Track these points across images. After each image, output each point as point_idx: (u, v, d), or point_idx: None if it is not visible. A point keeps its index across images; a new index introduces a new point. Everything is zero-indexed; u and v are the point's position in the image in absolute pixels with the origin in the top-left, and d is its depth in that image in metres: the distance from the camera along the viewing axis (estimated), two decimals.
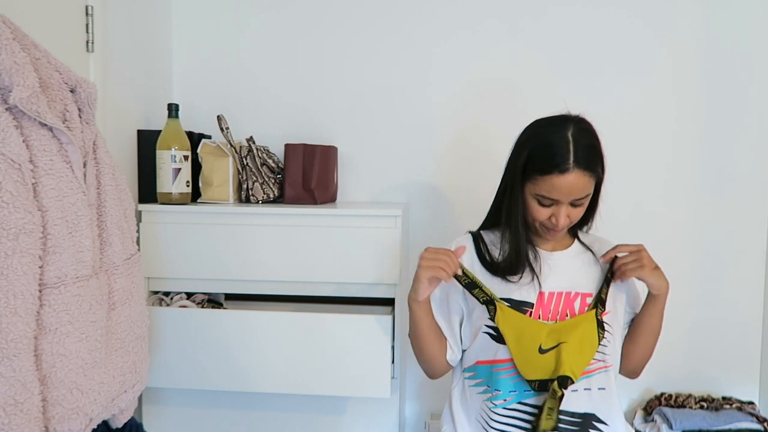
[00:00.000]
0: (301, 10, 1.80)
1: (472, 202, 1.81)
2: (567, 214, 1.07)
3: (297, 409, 1.53)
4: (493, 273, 1.15)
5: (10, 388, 0.75)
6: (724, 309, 1.80)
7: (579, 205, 1.09)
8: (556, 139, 1.06)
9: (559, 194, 1.05)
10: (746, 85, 1.74)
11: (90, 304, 0.86)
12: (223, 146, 1.57)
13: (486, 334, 1.14)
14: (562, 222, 1.08)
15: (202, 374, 1.42)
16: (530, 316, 1.11)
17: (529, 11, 1.75)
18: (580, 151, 1.05)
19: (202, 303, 1.55)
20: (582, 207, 1.10)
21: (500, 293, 1.13)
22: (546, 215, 1.09)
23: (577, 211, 1.10)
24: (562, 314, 1.12)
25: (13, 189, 0.76)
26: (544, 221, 1.10)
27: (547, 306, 1.12)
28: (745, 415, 1.65)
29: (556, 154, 1.04)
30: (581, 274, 1.18)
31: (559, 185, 1.04)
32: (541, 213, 1.09)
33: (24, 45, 0.83)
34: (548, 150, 1.06)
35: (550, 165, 1.04)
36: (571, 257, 1.19)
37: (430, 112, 1.80)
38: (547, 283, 1.14)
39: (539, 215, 1.10)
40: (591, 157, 1.06)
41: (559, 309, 1.12)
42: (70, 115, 0.88)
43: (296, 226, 1.46)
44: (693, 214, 1.79)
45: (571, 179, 1.04)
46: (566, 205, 1.07)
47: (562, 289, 1.14)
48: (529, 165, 1.09)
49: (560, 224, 1.08)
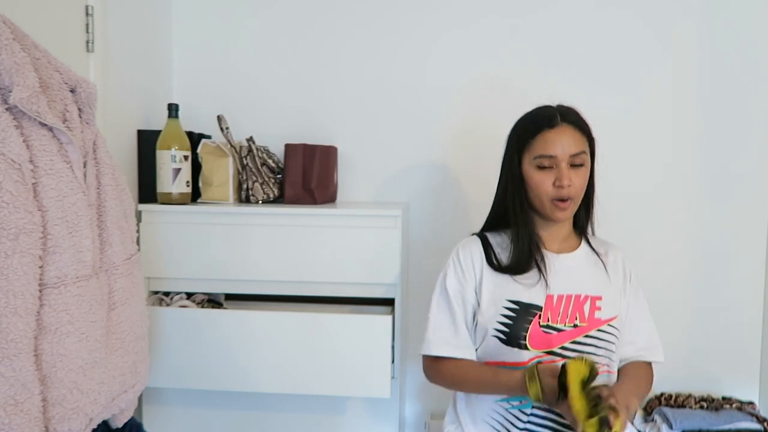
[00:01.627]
0: (300, 10, 1.80)
1: (472, 201, 1.81)
2: (569, 177, 1.10)
3: (297, 409, 1.53)
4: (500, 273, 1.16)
5: (10, 388, 0.75)
6: (724, 309, 1.80)
7: (579, 166, 1.12)
8: (542, 109, 1.16)
9: (554, 148, 1.10)
10: (746, 84, 1.74)
11: (90, 304, 0.86)
12: (223, 146, 1.57)
13: (495, 338, 1.13)
14: (566, 182, 1.09)
15: (202, 374, 1.42)
16: (539, 319, 1.11)
17: (530, 10, 1.75)
18: (566, 112, 1.14)
19: (202, 303, 1.55)
20: (582, 173, 1.13)
21: (508, 295, 1.13)
22: (550, 182, 1.11)
23: (579, 178, 1.12)
24: (572, 317, 1.12)
25: (13, 189, 0.76)
26: (552, 192, 1.11)
27: (556, 309, 1.12)
28: (745, 415, 1.65)
29: (543, 116, 1.14)
30: (588, 276, 1.18)
31: (552, 138, 1.11)
32: (544, 181, 1.12)
33: (24, 45, 0.83)
34: (536, 116, 1.15)
35: (539, 125, 1.13)
36: (577, 259, 1.20)
37: (430, 112, 1.79)
38: (555, 285, 1.14)
39: (543, 184, 1.12)
40: (578, 119, 1.14)
41: (568, 312, 1.12)
42: (70, 115, 0.88)
43: (296, 226, 1.46)
44: (693, 214, 1.78)
45: (562, 132, 1.11)
46: (566, 166, 1.10)
47: (571, 292, 1.14)
48: (521, 138, 1.15)
49: (564, 184, 1.09)
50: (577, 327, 1.13)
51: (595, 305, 1.14)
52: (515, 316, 1.13)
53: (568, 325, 1.12)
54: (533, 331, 1.11)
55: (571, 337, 1.12)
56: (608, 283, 1.19)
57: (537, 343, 1.11)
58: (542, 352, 1.11)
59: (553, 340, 1.11)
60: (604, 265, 1.21)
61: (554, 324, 1.12)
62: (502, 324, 1.13)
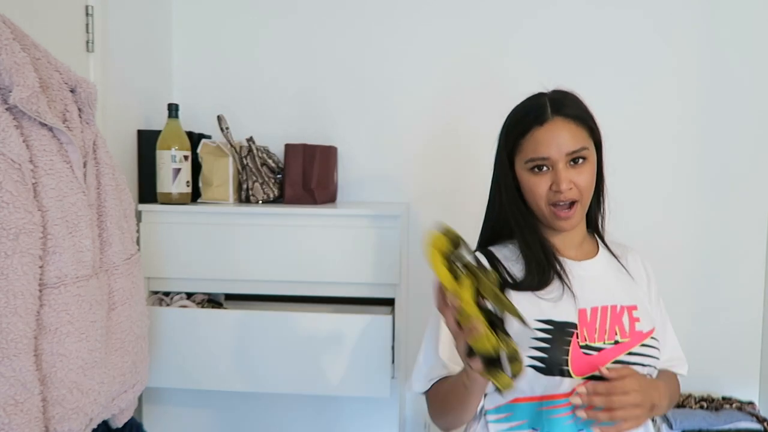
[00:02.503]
0: (300, 10, 1.80)
1: (472, 202, 1.80)
2: (569, 178, 0.93)
3: (297, 409, 1.53)
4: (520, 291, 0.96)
5: (10, 388, 0.75)
6: (724, 309, 1.80)
7: (580, 163, 0.95)
8: (531, 101, 0.99)
9: (546, 148, 0.93)
10: (747, 84, 1.74)
11: (90, 304, 0.86)
12: (223, 146, 1.57)
13: (531, 368, 0.91)
14: (564, 186, 0.93)
15: (202, 374, 1.42)
16: (576, 338, 0.93)
17: (532, 8, 1.75)
18: (558, 103, 0.96)
19: (202, 303, 1.55)
20: (586, 169, 0.96)
21: (536, 314, 0.93)
22: (545, 186, 0.95)
23: (582, 176, 0.95)
24: (611, 333, 0.95)
25: (13, 189, 0.76)
26: (550, 197, 0.95)
27: (592, 325, 0.94)
28: (745, 415, 1.65)
29: (531, 111, 0.96)
30: (616, 283, 1.02)
31: (543, 137, 0.94)
32: (539, 185, 0.95)
33: (24, 45, 0.83)
34: (524, 112, 0.98)
35: (528, 123, 0.96)
36: (601, 265, 1.03)
37: (430, 112, 1.79)
38: (584, 298, 0.96)
39: (539, 189, 0.95)
40: (573, 106, 0.97)
41: (606, 327, 0.95)
42: (70, 115, 0.88)
43: (296, 226, 1.46)
44: (693, 214, 1.78)
45: (554, 128, 0.94)
46: (564, 166, 0.94)
47: (605, 303, 0.97)
48: (509, 138, 0.99)
49: (563, 188, 0.93)
50: (619, 343, 0.95)
51: (633, 316, 0.97)
52: (551, 338, 0.92)
53: (608, 342, 0.94)
54: (574, 354, 0.92)
55: (614, 355, 0.94)
56: (637, 289, 1.04)
57: (579, 367, 0.92)
58: (585, 379, 0.91)
59: (596, 362, 0.92)
60: (626, 269, 1.05)
61: (593, 343, 0.93)
62: (538, 350, 0.92)
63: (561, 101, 0.97)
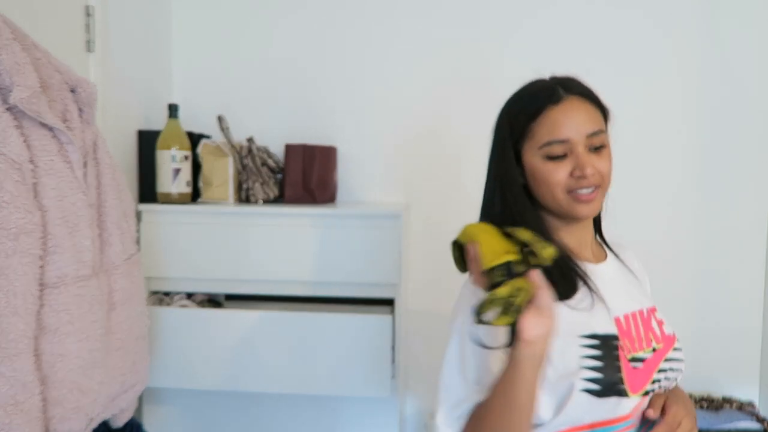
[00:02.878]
0: (300, 10, 1.80)
1: (472, 202, 1.80)
2: (592, 164, 0.83)
3: (297, 409, 1.53)
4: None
5: (10, 388, 0.75)
6: (724, 309, 1.80)
7: (600, 149, 0.86)
8: (535, 84, 0.90)
9: (566, 129, 0.83)
10: (749, 84, 1.74)
11: (90, 304, 0.86)
12: (223, 146, 1.57)
13: (586, 392, 0.79)
14: (589, 170, 0.83)
15: (202, 374, 1.42)
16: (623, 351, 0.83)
17: (533, 8, 1.75)
18: (568, 82, 0.88)
19: (202, 303, 1.55)
20: (606, 155, 0.86)
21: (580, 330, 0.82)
22: (564, 173, 0.84)
23: (603, 161, 0.85)
24: (647, 340, 0.87)
25: (14, 189, 0.76)
26: (571, 184, 0.85)
27: (628, 333, 0.85)
28: (745, 414, 1.65)
29: (540, 93, 0.87)
30: (631, 285, 0.94)
31: (561, 118, 0.84)
32: (557, 172, 0.84)
33: (24, 45, 0.83)
34: (531, 93, 0.88)
35: (539, 103, 0.86)
36: (614, 267, 0.95)
37: (431, 112, 1.79)
38: (614, 305, 0.86)
39: (556, 176, 0.84)
40: (585, 88, 0.89)
41: (641, 335, 0.87)
42: (70, 115, 0.88)
43: (296, 226, 1.46)
44: (694, 215, 1.78)
45: (571, 107, 0.85)
46: (585, 150, 0.84)
47: (633, 308, 0.89)
48: (516, 125, 0.88)
49: (588, 173, 0.83)
50: (656, 351, 0.87)
51: (658, 319, 0.90)
52: (601, 355, 0.81)
53: (647, 351, 0.86)
54: (627, 371, 0.82)
55: (656, 365, 0.86)
56: (647, 288, 0.98)
57: (633, 384, 0.82)
58: (640, 396, 0.82)
59: (646, 377, 0.84)
60: (629, 269, 0.97)
61: (636, 353, 0.84)
62: (591, 369, 0.80)
63: (569, 81, 0.89)
